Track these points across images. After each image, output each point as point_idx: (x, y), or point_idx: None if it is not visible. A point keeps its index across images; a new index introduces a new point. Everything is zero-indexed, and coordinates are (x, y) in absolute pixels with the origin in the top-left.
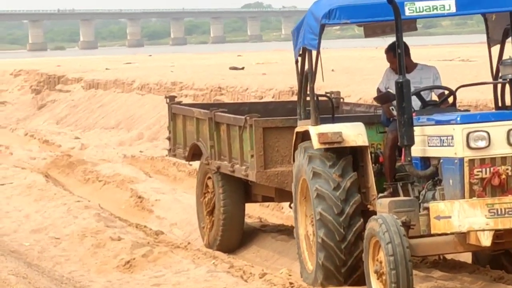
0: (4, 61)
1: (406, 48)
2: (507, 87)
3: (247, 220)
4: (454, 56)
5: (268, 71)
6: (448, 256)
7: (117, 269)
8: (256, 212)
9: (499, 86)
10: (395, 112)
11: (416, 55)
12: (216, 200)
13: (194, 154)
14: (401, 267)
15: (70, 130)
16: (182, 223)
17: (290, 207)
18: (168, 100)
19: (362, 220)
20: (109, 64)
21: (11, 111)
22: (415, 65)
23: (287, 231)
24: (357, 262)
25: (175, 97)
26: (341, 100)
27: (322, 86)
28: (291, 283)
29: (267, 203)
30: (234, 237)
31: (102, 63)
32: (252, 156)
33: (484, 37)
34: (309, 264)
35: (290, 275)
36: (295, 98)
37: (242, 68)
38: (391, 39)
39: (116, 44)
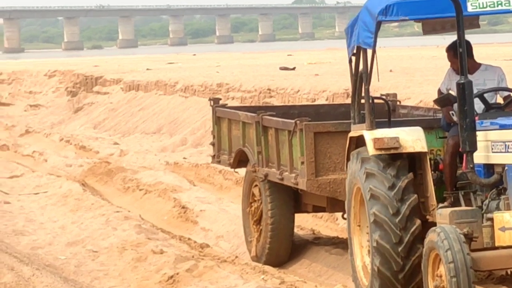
0: (38, 61)
1: (469, 47)
2: None
3: (299, 232)
4: None
5: (321, 72)
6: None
7: (160, 284)
8: (308, 224)
9: None
10: (455, 117)
11: (480, 54)
12: (264, 210)
13: (240, 160)
14: (462, 274)
15: (109, 135)
16: (229, 235)
17: (344, 218)
18: (212, 102)
19: (419, 221)
20: (150, 64)
21: (45, 115)
22: (479, 65)
23: (342, 244)
24: (415, 267)
25: (220, 99)
26: (398, 103)
27: (378, 87)
28: None
29: (320, 214)
30: (283, 250)
31: (142, 63)
32: (302, 162)
33: None
34: (364, 280)
35: None
36: (349, 100)
37: (293, 69)
38: (453, 37)
39: (157, 42)
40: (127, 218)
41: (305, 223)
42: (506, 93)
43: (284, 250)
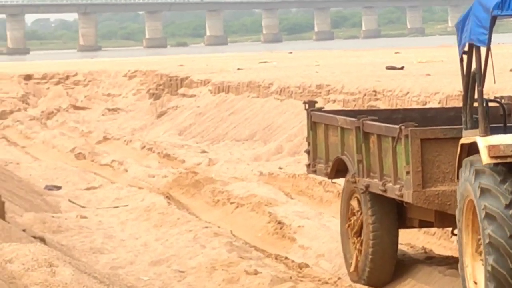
0: (117, 60)
1: None
2: None
3: (408, 250)
4: None
5: (432, 72)
6: None
7: None
8: (419, 242)
9: None
10: None
11: None
12: (364, 225)
13: (338, 170)
14: None
15: (196, 143)
16: (330, 253)
17: (453, 234)
18: (307, 106)
19: None
20: (242, 63)
21: (125, 120)
22: None
23: (457, 264)
24: None
25: (316, 102)
26: (505, 102)
27: (497, 89)
28: None
29: (432, 230)
30: (386, 269)
31: (233, 62)
32: (408, 172)
33: None
34: None
35: None
36: (460, 103)
37: (401, 68)
38: None
39: (249, 39)
40: (217, 235)
41: (416, 241)
42: None
43: (387, 269)
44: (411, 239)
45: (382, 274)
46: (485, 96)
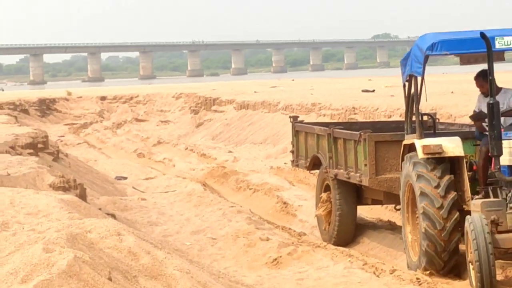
0: (167, 86)
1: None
2: None
3: (379, 223)
4: None
5: (395, 93)
6: None
7: (266, 265)
8: (386, 216)
9: None
10: (487, 128)
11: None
12: (333, 202)
13: (315, 164)
14: (484, 268)
15: (224, 145)
16: None
17: (396, 209)
18: (292, 119)
19: (458, 213)
20: (257, 87)
21: (173, 129)
22: (500, 88)
23: (398, 229)
24: (455, 249)
25: (298, 117)
26: (437, 120)
27: (442, 106)
28: (417, 279)
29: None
30: (348, 233)
31: (251, 87)
32: (365, 165)
33: None
34: (413, 257)
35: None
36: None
37: (373, 91)
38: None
39: (262, 70)
40: (240, 212)
41: (384, 216)
42: None
43: (349, 233)
44: (379, 215)
45: (345, 236)
46: (421, 111)
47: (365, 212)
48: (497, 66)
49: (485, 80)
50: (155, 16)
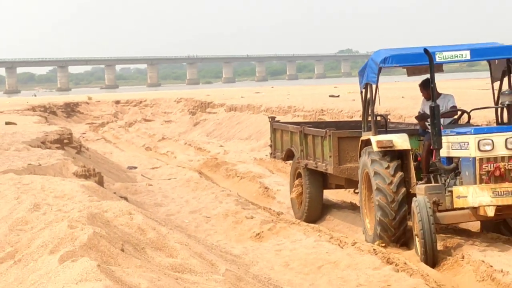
0: (169, 92)
1: (434, 82)
2: (505, 110)
3: (342, 204)
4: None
5: (356, 98)
6: (463, 225)
7: (250, 239)
8: (348, 198)
9: (499, 109)
10: (429, 126)
11: (457, 85)
12: (304, 186)
13: (288, 156)
14: (427, 236)
15: (216, 141)
16: None
17: (355, 192)
18: (270, 119)
19: (405, 189)
20: (244, 93)
21: (174, 127)
22: (440, 94)
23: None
24: (402, 218)
25: (275, 117)
26: (388, 120)
27: (395, 108)
28: (374, 249)
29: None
30: (316, 212)
31: (238, 93)
32: (330, 156)
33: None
34: (369, 229)
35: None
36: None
37: (338, 96)
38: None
39: (248, 79)
40: (229, 195)
41: (347, 198)
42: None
43: (317, 212)
44: (344, 198)
45: (313, 215)
46: (376, 113)
47: (331, 195)
48: (437, 76)
49: (427, 87)
50: (160, 35)
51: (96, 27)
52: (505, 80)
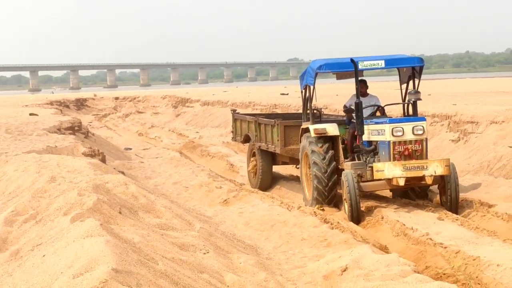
0: (157, 90)
1: (364, 83)
2: (410, 106)
3: (290, 177)
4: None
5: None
6: (380, 192)
7: (219, 204)
8: (294, 172)
9: (406, 104)
10: (354, 117)
11: (378, 85)
12: (257, 162)
13: (246, 139)
14: (353, 201)
15: (193, 128)
16: None
17: (296, 167)
18: (232, 111)
19: (335, 163)
20: (214, 92)
21: (161, 118)
22: (367, 94)
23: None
24: (332, 185)
25: (236, 109)
26: (323, 112)
27: (331, 103)
28: (314, 212)
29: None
30: (267, 182)
31: (210, 91)
32: (278, 140)
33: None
34: (308, 196)
35: (312, 208)
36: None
37: (287, 94)
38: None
39: (218, 81)
40: (203, 170)
41: (292, 172)
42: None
43: (267, 182)
44: (290, 172)
45: (265, 183)
46: (314, 107)
47: (281, 170)
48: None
49: (363, 87)
50: (149, 46)
51: (101, 39)
52: (411, 82)
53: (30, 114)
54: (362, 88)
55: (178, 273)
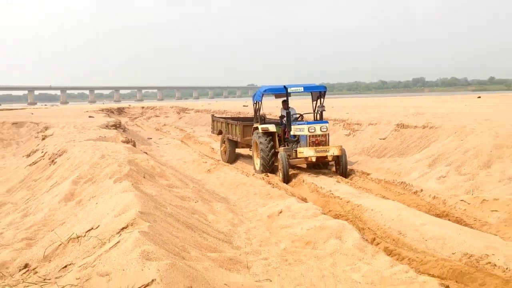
0: (168, 103)
1: (287, 100)
2: (318, 115)
3: (247, 156)
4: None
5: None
6: (301, 165)
7: (205, 172)
8: (249, 153)
9: (316, 113)
10: (285, 121)
11: (304, 102)
12: (227, 147)
13: (220, 132)
14: (285, 170)
15: (190, 127)
16: None
17: (250, 150)
18: (212, 116)
19: (274, 150)
20: (203, 105)
21: (170, 120)
22: (289, 107)
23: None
24: (272, 162)
25: (214, 114)
26: (266, 117)
27: (272, 113)
28: (262, 178)
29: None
30: (233, 158)
31: (200, 104)
32: (239, 133)
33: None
34: (257, 167)
35: (261, 174)
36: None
37: (247, 106)
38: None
39: (205, 97)
40: (195, 152)
41: (249, 152)
42: (298, 115)
43: (233, 159)
44: (248, 153)
45: (231, 159)
46: (262, 115)
47: (241, 151)
48: (293, 97)
49: (285, 103)
50: (164, 74)
51: (134, 69)
52: (319, 100)
53: (89, 117)
54: (286, 103)
55: (179, 214)
